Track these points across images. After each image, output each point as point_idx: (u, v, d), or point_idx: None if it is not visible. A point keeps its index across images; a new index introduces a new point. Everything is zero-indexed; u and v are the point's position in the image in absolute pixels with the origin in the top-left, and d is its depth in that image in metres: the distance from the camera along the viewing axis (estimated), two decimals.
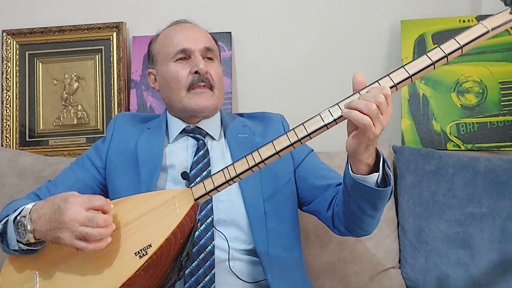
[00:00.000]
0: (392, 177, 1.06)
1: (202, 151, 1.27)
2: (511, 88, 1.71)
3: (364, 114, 0.91)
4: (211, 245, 1.17)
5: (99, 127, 1.84)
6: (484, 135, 1.70)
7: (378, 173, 1.02)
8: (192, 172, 1.22)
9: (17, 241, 1.05)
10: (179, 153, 1.29)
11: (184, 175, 1.19)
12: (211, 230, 1.18)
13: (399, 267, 1.59)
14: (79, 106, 1.86)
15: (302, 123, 0.97)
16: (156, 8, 1.90)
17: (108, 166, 1.32)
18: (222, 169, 1.01)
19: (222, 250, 1.18)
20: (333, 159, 1.61)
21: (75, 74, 1.87)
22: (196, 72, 1.26)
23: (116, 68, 1.84)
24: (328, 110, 0.96)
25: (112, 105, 1.84)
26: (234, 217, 1.20)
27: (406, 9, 1.85)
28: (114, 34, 1.85)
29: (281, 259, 1.21)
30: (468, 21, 1.75)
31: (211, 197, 1.18)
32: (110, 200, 1.26)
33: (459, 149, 1.70)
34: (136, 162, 1.27)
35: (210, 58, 1.31)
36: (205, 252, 1.16)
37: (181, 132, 1.32)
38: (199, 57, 1.27)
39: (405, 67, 0.93)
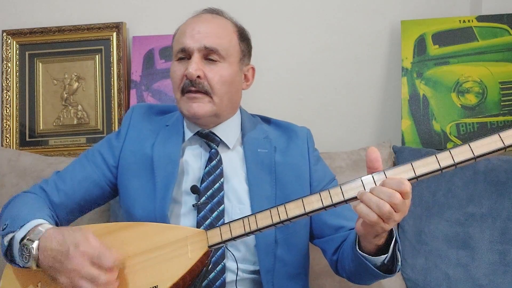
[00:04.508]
0: (400, 262, 1.03)
1: (214, 162, 1.19)
2: (511, 88, 1.71)
3: (374, 212, 0.87)
4: (222, 263, 1.12)
5: (99, 127, 1.84)
6: (484, 135, 1.70)
7: (386, 255, 1.00)
8: (203, 185, 1.16)
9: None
10: (193, 161, 1.22)
11: (194, 190, 1.15)
12: (222, 248, 1.13)
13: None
14: (79, 106, 1.86)
15: (340, 185, 0.91)
16: (156, 8, 1.90)
17: (121, 165, 1.24)
18: (242, 218, 0.96)
19: (231, 271, 1.13)
20: (334, 159, 1.61)
21: (75, 74, 1.87)
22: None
23: (116, 68, 1.84)
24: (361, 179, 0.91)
25: (112, 105, 1.83)
26: (245, 239, 1.10)
27: (406, 9, 1.85)
28: (114, 34, 1.85)
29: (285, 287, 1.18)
30: (468, 21, 1.75)
31: (224, 215, 1.15)
32: (122, 203, 1.24)
33: None
34: (151, 167, 1.20)
35: (212, 60, 1.17)
36: (215, 271, 1.12)
37: (195, 134, 1.24)
38: (193, 59, 1.15)
39: (437, 155, 0.86)
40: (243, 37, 1.26)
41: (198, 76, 1.15)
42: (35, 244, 0.98)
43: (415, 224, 1.57)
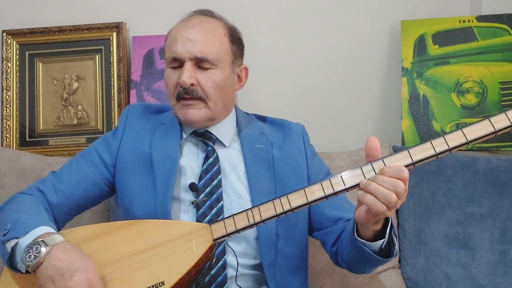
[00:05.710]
0: (397, 245, 1.04)
1: (211, 159, 1.21)
2: (511, 88, 1.71)
3: (382, 202, 0.89)
4: (223, 260, 1.14)
5: (99, 127, 1.85)
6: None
7: (383, 240, 1.02)
8: (201, 183, 1.18)
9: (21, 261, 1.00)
10: (191, 159, 1.23)
11: (192, 187, 1.16)
12: (223, 245, 1.14)
13: (399, 267, 1.59)
14: (79, 106, 1.86)
15: (340, 174, 0.93)
16: (156, 8, 1.90)
17: (119, 164, 1.24)
18: (246, 210, 0.98)
19: (231, 267, 1.14)
20: (334, 159, 1.61)
21: (75, 74, 1.87)
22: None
23: (116, 68, 1.84)
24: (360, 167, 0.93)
25: (112, 105, 1.83)
26: (246, 233, 1.11)
27: (406, 9, 1.85)
28: (114, 34, 1.85)
29: (287, 281, 1.19)
30: (468, 21, 1.75)
31: (224, 210, 1.16)
32: (120, 201, 1.24)
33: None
34: (150, 164, 1.21)
35: (204, 68, 1.18)
36: (216, 267, 1.13)
37: (191, 133, 1.26)
38: (186, 67, 1.17)
39: (432, 142, 0.89)
40: (234, 39, 1.25)
41: (192, 84, 1.17)
42: (47, 249, 0.98)
43: (415, 224, 1.57)
